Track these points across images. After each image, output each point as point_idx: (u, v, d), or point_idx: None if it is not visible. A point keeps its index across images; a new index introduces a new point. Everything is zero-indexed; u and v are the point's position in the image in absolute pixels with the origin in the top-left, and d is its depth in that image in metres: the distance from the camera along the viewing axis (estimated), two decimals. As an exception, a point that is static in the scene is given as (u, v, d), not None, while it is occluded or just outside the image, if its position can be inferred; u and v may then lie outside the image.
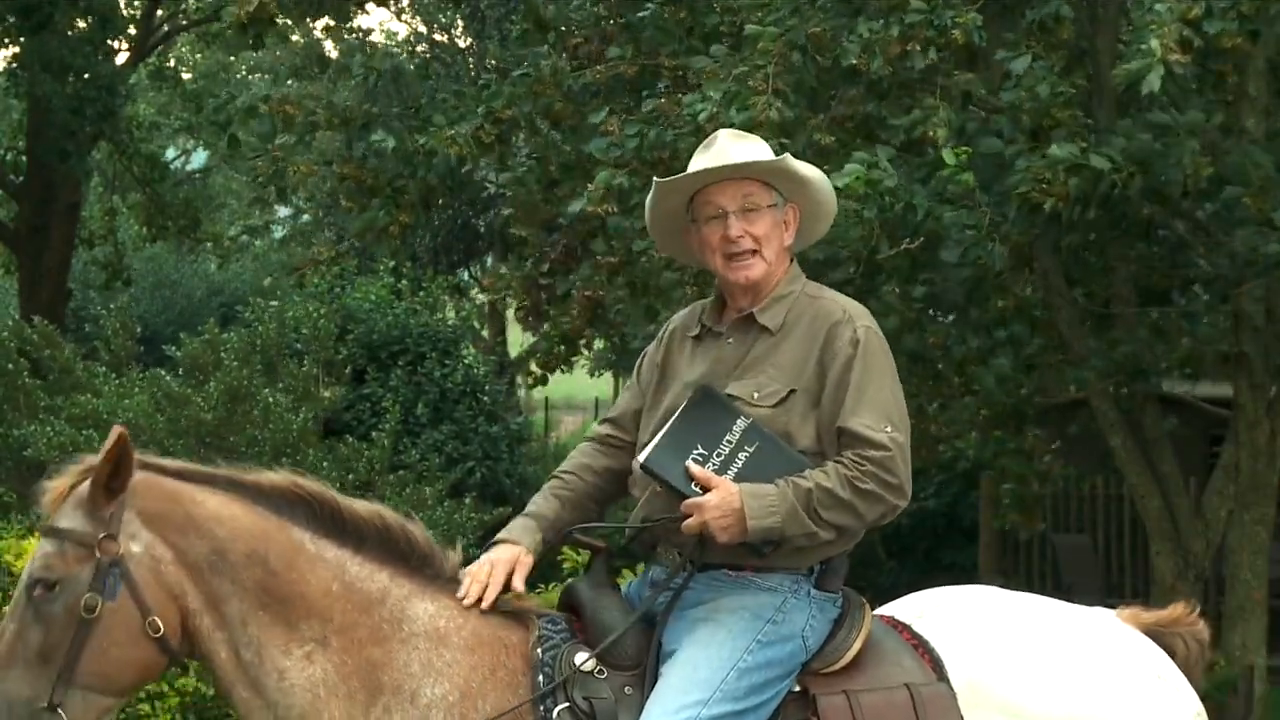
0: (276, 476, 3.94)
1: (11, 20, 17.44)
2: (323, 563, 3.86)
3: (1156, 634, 4.23)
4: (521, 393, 21.46)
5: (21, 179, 20.38)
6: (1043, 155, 7.47)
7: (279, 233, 30.53)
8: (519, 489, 14.71)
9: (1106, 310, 9.87)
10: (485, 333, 23.54)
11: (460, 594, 3.92)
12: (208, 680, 7.49)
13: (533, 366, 11.33)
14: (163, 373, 11.21)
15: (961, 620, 4.10)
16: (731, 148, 4.05)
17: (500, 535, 4.06)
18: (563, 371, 11.66)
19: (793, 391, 3.92)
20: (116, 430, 3.75)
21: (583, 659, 3.82)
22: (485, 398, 14.58)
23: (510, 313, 11.63)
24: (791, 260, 4.13)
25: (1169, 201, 8.42)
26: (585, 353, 13.86)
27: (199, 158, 31.30)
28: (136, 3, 21.42)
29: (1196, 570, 9.66)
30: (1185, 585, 9.32)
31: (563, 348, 10.65)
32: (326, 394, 11.77)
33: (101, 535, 3.76)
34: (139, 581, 3.77)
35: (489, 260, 26.43)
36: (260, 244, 28.62)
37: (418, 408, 13.84)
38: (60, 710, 3.70)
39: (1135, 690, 4.02)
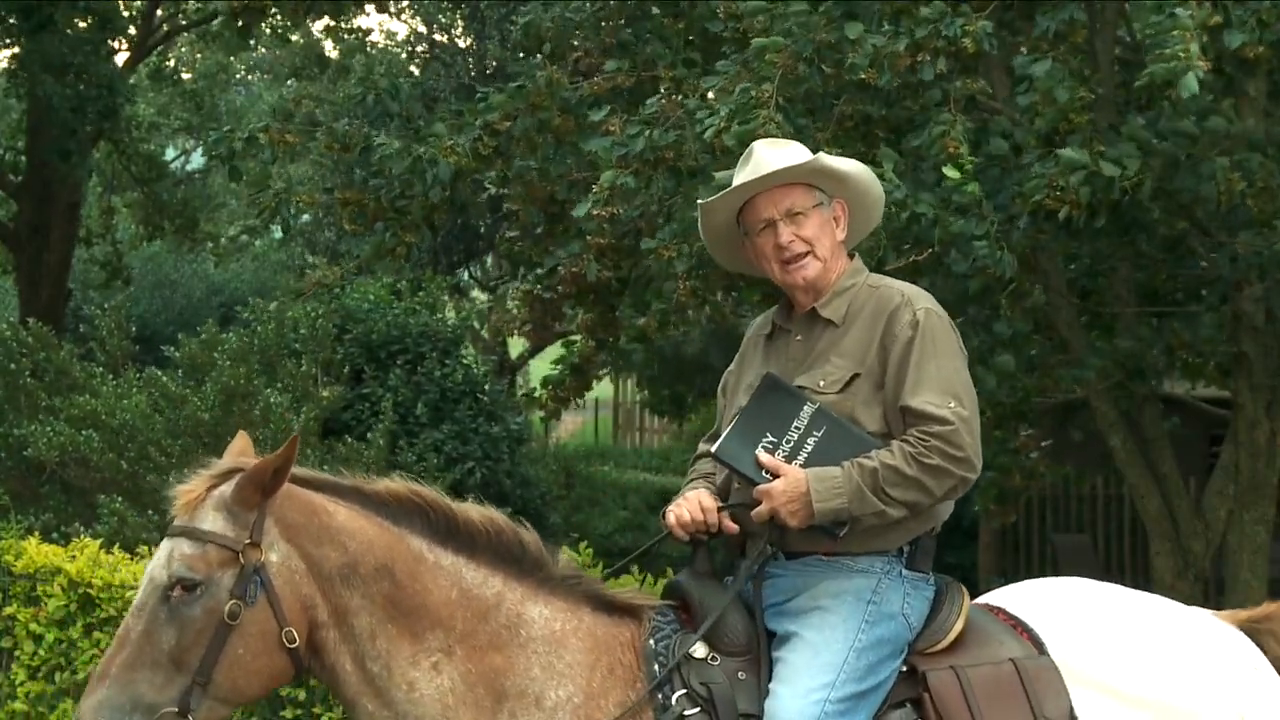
0: (396, 485, 3.99)
1: (11, 20, 17.43)
2: (441, 571, 3.91)
3: (1252, 632, 4.26)
4: (522, 401, 21.45)
5: (21, 179, 20.37)
6: (1056, 161, 7.43)
7: (279, 233, 30.43)
8: (519, 489, 14.70)
9: (1107, 310, 9.86)
10: (485, 332, 23.49)
11: (670, 520, 4.05)
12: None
13: (544, 400, 11.27)
14: (160, 373, 11.20)
15: (1058, 605, 4.19)
16: (767, 157, 4.11)
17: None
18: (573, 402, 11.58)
19: (856, 376, 4.01)
20: (294, 435, 3.81)
21: (694, 645, 3.90)
22: (485, 397, 14.56)
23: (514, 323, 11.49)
24: (853, 255, 4.21)
25: (1191, 212, 8.39)
26: (596, 386, 13.82)
27: (198, 158, 31.27)
28: (137, 3, 21.41)
29: (1196, 570, 9.65)
30: (1185, 585, 9.32)
31: (572, 377, 10.66)
32: (325, 394, 11.77)
33: (246, 541, 3.76)
34: (278, 591, 3.77)
35: (489, 260, 26.40)
36: (260, 244, 28.54)
37: (417, 407, 13.82)
38: (190, 717, 3.68)
39: (1230, 679, 4.05)
